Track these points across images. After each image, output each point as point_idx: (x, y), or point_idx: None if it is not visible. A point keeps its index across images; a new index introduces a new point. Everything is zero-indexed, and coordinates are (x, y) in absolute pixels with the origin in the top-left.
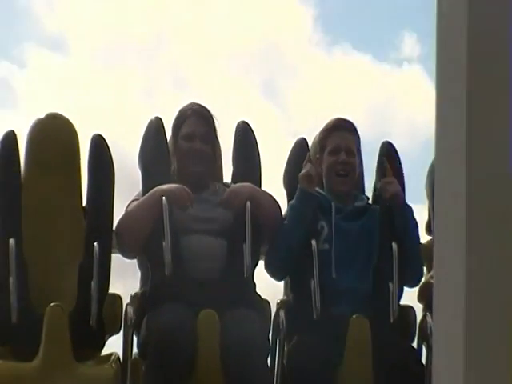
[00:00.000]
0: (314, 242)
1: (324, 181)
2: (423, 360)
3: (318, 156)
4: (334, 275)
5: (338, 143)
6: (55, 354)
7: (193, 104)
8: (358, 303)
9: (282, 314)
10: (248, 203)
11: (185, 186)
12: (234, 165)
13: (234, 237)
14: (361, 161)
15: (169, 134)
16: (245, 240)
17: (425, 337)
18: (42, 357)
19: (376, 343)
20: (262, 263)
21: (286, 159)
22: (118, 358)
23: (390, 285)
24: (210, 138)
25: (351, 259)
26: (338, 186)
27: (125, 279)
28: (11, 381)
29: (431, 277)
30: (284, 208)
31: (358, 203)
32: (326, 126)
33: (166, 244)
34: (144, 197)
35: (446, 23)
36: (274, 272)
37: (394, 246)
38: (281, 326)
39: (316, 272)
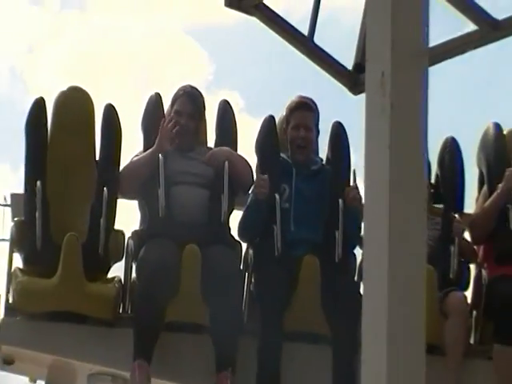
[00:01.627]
0: (277, 196)
1: (288, 148)
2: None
3: (284, 127)
4: (292, 229)
5: (299, 121)
6: (70, 273)
7: (186, 86)
8: (311, 249)
9: (250, 251)
10: (226, 163)
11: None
12: (216, 133)
13: (215, 189)
14: (318, 132)
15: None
16: (223, 191)
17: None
18: (59, 275)
19: (324, 277)
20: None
21: (258, 132)
22: (120, 280)
23: (337, 233)
24: (196, 116)
25: (307, 214)
26: (298, 156)
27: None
28: (35, 292)
29: None
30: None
31: (314, 167)
32: (291, 104)
33: (161, 192)
34: (144, 153)
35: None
36: (244, 241)
37: (341, 201)
38: (249, 261)
39: (278, 222)
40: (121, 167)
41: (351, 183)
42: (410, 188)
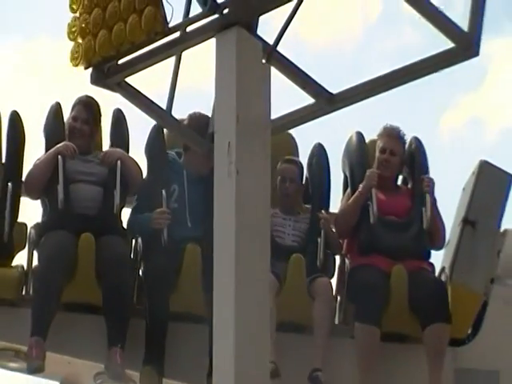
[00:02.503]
0: (164, 193)
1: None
2: None
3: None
4: (181, 228)
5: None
6: None
7: (83, 96)
8: (195, 242)
9: (139, 241)
10: (118, 162)
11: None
12: (110, 138)
13: (108, 186)
14: None
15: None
16: (115, 187)
17: None
18: None
19: (205, 265)
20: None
21: (147, 137)
22: (23, 266)
23: None
24: (90, 121)
25: (195, 215)
26: (201, 169)
27: None
28: None
29: None
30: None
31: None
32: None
33: (60, 187)
34: (45, 155)
35: None
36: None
37: None
38: (139, 250)
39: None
40: (24, 166)
41: None
42: (254, 235)
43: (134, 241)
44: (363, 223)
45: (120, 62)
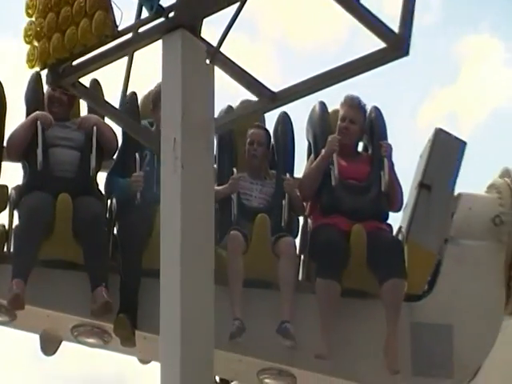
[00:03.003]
0: (137, 156)
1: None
2: None
3: (151, 107)
4: (155, 190)
5: None
6: None
7: None
8: None
9: (114, 201)
10: (94, 127)
11: (49, 114)
12: (87, 107)
13: (85, 150)
14: None
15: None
16: (91, 152)
17: None
18: None
19: None
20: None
21: None
22: (4, 225)
23: None
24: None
25: None
26: None
27: None
28: None
29: None
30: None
31: None
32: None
33: (39, 151)
34: (25, 120)
35: None
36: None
37: None
38: (113, 209)
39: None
40: (6, 132)
41: None
42: (199, 226)
43: (109, 201)
44: (325, 186)
45: (74, 63)
